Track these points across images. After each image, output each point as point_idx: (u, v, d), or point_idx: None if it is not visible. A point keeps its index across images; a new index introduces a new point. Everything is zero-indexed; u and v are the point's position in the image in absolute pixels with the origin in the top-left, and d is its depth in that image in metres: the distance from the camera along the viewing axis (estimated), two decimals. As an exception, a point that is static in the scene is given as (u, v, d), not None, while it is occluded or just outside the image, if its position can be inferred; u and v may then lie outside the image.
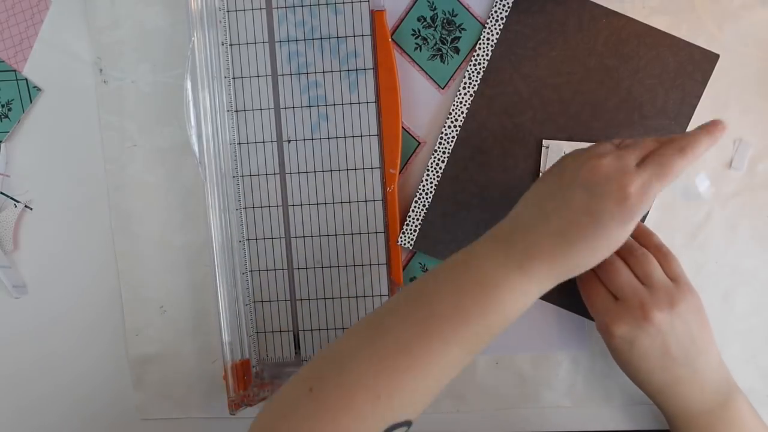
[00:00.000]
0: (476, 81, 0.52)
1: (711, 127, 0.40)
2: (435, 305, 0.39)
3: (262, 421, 0.39)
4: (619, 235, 0.39)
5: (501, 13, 0.51)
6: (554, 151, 0.51)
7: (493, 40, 0.51)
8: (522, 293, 0.39)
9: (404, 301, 0.40)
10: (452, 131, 0.52)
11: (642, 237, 0.49)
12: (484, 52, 0.52)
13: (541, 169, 0.52)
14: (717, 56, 0.51)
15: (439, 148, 0.52)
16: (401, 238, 0.53)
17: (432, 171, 0.52)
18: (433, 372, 0.39)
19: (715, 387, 0.46)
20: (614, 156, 0.39)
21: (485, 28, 0.51)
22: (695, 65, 0.51)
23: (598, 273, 0.47)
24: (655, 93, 0.51)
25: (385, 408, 0.38)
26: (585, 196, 0.38)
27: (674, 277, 0.46)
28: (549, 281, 0.40)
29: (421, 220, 0.53)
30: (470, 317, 0.39)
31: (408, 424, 0.39)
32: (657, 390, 0.47)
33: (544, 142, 0.51)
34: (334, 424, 0.37)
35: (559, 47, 0.51)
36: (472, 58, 0.52)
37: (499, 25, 0.51)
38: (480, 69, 0.52)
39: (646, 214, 0.52)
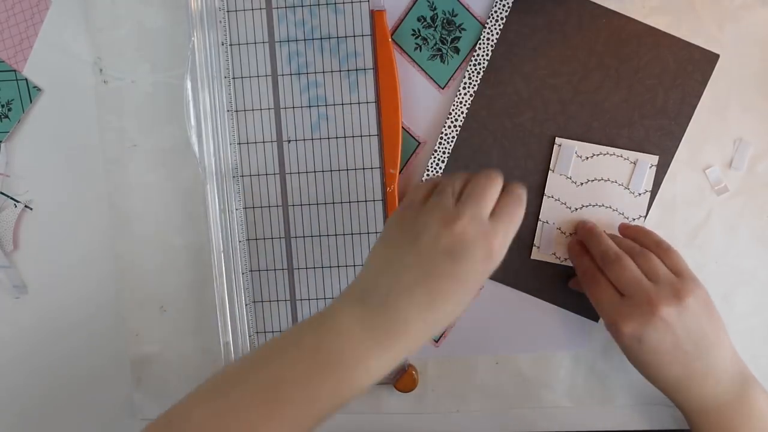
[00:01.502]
0: (476, 81, 0.52)
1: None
2: (285, 391, 0.37)
3: None
4: (482, 281, 0.40)
5: (501, 13, 0.51)
6: (566, 149, 0.51)
7: (493, 40, 0.51)
8: (380, 369, 0.38)
9: (253, 378, 0.38)
10: (452, 131, 0.52)
11: (641, 236, 0.49)
12: (484, 52, 0.52)
13: (550, 167, 0.52)
14: (717, 56, 0.51)
15: (439, 148, 0.52)
16: (401, 238, 0.52)
17: (432, 171, 0.52)
18: None
19: (729, 380, 0.46)
20: (469, 217, 0.38)
21: (485, 28, 0.51)
22: (695, 65, 0.51)
23: (604, 270, 0.47)
24: (655, 93, 0.51)
25: None
26: (448, 262, 0.38)
27: (678, 272, 0.46)
28: (413, 349, 0.39)
29: (421, 220, 0.53)
30: (321, 400, 0.37)
31: None
32: (671, 385, 0.47)
33: (557, 140, 0.51)
34: None
35: (559, 47, 0.51)
36: (472, 58, 0.52)
37: (499, 25, 0.51)
38: (480, 69, 0.52)
39: (646, 215, 0.52)
